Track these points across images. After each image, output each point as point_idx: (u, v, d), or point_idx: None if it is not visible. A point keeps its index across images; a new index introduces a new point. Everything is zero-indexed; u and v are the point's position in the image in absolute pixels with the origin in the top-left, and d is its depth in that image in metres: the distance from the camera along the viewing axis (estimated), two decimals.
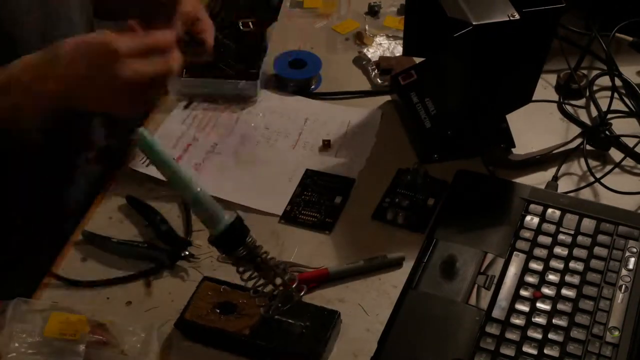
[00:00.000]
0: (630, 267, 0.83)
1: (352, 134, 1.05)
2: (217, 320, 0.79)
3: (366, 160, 1.00)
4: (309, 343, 0.76)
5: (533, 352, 0.76)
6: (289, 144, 1.04)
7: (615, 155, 1.00)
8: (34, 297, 0.84)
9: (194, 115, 1.08)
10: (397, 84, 1.06)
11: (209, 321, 0.78)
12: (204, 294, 0.81)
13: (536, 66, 0.93)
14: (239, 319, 0.79)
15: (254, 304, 0.78)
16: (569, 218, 0.88)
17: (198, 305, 0.80)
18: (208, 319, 0.79)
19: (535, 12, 0.85)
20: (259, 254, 0.73)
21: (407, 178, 0.96)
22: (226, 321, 0.78)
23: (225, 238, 0.72)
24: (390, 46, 1.20)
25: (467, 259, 0.84)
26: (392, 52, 1.18)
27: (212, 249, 0.75)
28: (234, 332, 0.78)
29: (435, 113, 1.00)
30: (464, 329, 0.78)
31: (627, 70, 1.08)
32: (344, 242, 0.90)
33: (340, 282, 0.85)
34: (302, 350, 0.76)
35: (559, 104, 1.09)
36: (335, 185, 0.97)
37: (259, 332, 0.77)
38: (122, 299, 0.84)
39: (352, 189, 0.96)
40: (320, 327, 0.78)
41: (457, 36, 0.83)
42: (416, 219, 0.91)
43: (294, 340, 0.77)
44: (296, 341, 0.77)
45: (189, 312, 0.79)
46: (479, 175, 0.96)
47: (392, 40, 1.21)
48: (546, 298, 0.80)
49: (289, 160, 1.01)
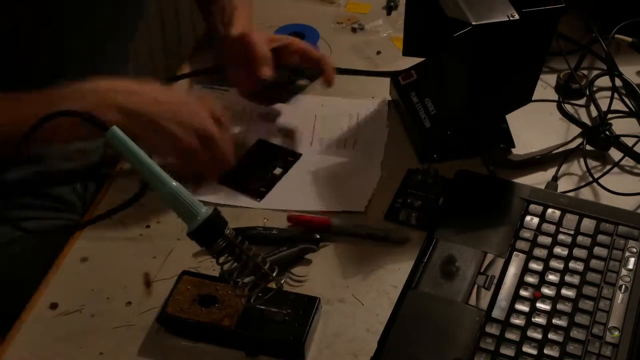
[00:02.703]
0: (630, 267, 0.83)
1: (364, 127, 1.06)
2: (199, 313, 0.79)
3: (384, 151, 1.02)
4: (291, 330, 0.77)
5: (533, 352, 0.76)
6: (305, 143, 1.04)
7: (615, 155, 1.00)
8: (34, 298, 0.85)
9: None
10: (397, 84, 1.06)
11: (190, 314, 0.79)
12: (184, 288, 0.81)
13: (536, 66, 0.93)
14: (220, 311, 0.79)
15: (235, 295, 0.79)
16: (568, 218, 0.88)
17: (179, 299, 0.80)
18: (190, 312, 0.79)
19: (535, 13, 0.85)
20: (238, 246, 0.74)
21: (417, 178, 0.96)
22: (208, 313, 0.79)
23: (204, 231, 0.72)
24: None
25: (467, 259, 0.84)
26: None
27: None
28: (216, 324, 0.78)
29: (435, 113, 1.00)
30: (463, 329, 0.78)
31: (627, 71, 1.08)
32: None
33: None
34: (285, 337, 0.77)
35: (559, 104, 1.09)
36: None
37: (241, 322, 0.78)
38: (122, 299, 0.84)
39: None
40: (302, 314, 0.78)
41: (457, 36, 0.83)
42: (428, 220, 0.91)
43: (277, 328, 0.77)
44: (279, 329, 0.77)
45: (170, 307, 0.80)
46: (479, 176, 0.96)
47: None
48: (546, 298, 0.80)
49: (309, 157, 1.01)
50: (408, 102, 1.03)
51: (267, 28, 1.20)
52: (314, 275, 0.86)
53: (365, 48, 1.20)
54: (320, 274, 0.87)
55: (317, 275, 0.86)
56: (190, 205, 0.72)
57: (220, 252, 0.74)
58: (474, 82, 0.91)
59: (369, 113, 1.08)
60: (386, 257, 0.88)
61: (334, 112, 1.08)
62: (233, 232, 0.74)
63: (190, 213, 0.72)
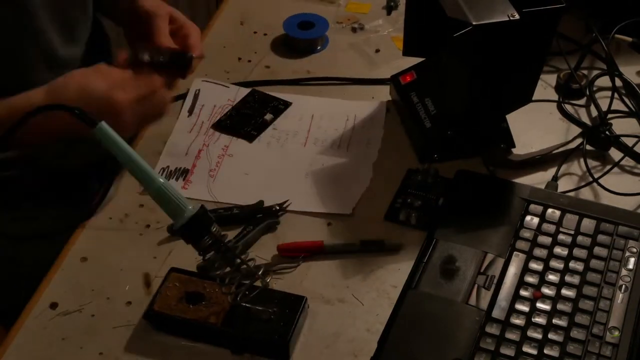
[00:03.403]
0: (630, 267, 0.83)
1: (360, 128, 1.06)
2: (185, 310, 0.79)
3: (378, 154, 1.02)
4: (277, 328, 0.77)
5: (533, 352, 0.76)
6: (299, 142, 1.04)
7: (615, 155, 1.00)
8: (34, 297, 0.85)
9: (200, 123, 1.07)
10: (397, 84, 1.06)
11: (177, 311, 0.79)
12: (171, 285, 0.81)
13: (536, 66, 0.93)
14: (207, 308, 0.79)
15: (222, 293, 0.79)
16: (568, 218, 0.88)
17: (166, 296, 0.80)
18: (177, 309, 0.79)
19: (535, 12, 0.85)
20: (224, 243, 0.74)
21: (417, 178, 0.96)
22: (195, 311, 0.79)
23: (191, 228, 0.73)
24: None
25: (467, 259, 0.84)
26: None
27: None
28: (203, 321, 0.78)
29: (435, 113, 1.00)
30: (463, 329, 0.78)
31: (627, 70, 1.08)
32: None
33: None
34: (271, 335, 0.77)
35: (559, 104, 1.09)
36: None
37: (228, 320, 0.78)
38: (122, 299, 0.84)
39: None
40: (288, 312, 0.79)
41: (457, 36, 0.83)
42: (428, 220, 0.91)
43: (262, 327, 0.78)
44: (264, 327, 0.77)
45: (157, 304, 0.80)
46: (479, 175, 0.96)
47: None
48: (546, 298, 0.80)
49: (302, 158, 1.01)
50: (408, 102, 1.03)
51: (266, 27, 1.20)
52: (314, 274, 0.86)
53: (365, 47, 1.20)
54: (320, 273, 0.87)
55: (317, 275, 0.86)
56: (177, 201, 0.72)
57: (207, 250, 0.74)
58: (474, 82, 0.91)
59: (366, 115, 1.08)
60: (386, 257, 0.88)
61: (331, 113, 1.08)
62: (219, 230, 0.74)
63: (178, 210, 0.72)
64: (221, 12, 1.29)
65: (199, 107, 1.10)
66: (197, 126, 1.07)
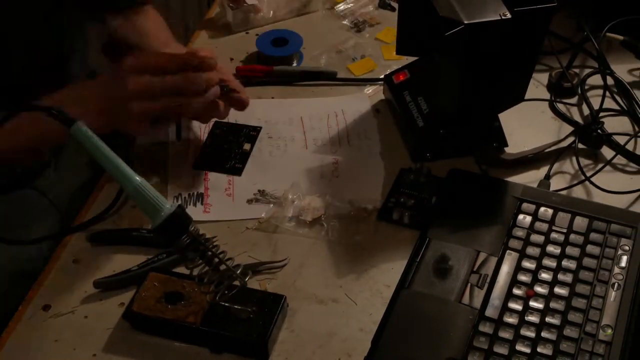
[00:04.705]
0: (622, 265, 0.83)
1: (353, 122, 1.06)
2: (164, 310, 0.79)
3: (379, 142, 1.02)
4: (256, 328, 0.77)
5: (526, 350, 0.76)
6: (299, 146, 1.04)
7: (607, 153, 1.00)
8: (26, 299, 0.84)
9: (193, 147, 1.03)
10: (390, 83, 1.06)
11: (156, 312, 0.79)
12: (150, 285, 0.81)
13: (528, 65, 0.93)
14: (186, 308, 0.79)
15: (201, 293, 0.79)
16: (561, 216, 0.88)
17: (145, 296, 0.80)
18: (155, 309, 0.79)
19: (527, 11, 0.85)
20: (202, 242, 0.74)
21: (410, 177, 0.96)
22: (173, 311, 0.79)
23: (168, 227, 0.72)
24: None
25: (460, 258, 0.84)
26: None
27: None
28: (182, 321, 0.78)
29: (427, 112, 1.00)
30: (457, 328, 0.78)
31: (618, 69, 1.08)
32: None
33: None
34: (250, 334, 0.77)
35: (550, 103, 1.09)
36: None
37: (207, 319, 0.78)
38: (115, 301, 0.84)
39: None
40: (267, 312, 0.79)
41: (449, 35, 0.83)
42: (422, 219, 0.91)
43: (241, 326, 0.77)
44: (243, 327, 0.77)
45: (136, 304, 0.80)
46: (472, 174, 0.96)
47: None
48: (539, 296, 0.80)
49: (309, 160, 1.01)
50: (401, 101, 1.03)
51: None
52: (307, 274, 0.86)
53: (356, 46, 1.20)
54: (313, 273, 0.87)
55: (310, 275, 0.86)
56: (154, 200, 0.72)
57: (185, 249, 0.74)
58: (467, 81, 0.91)
59: (352, 108, 1.08)
60: (379, 256, 0.88)
61: (318, 113, 1.08)
62: (198, 229, 0.74)
63: (154, 208, 0.72)
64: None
65: (185, 131, 1.05)
66: (191, 149, 1.02)
